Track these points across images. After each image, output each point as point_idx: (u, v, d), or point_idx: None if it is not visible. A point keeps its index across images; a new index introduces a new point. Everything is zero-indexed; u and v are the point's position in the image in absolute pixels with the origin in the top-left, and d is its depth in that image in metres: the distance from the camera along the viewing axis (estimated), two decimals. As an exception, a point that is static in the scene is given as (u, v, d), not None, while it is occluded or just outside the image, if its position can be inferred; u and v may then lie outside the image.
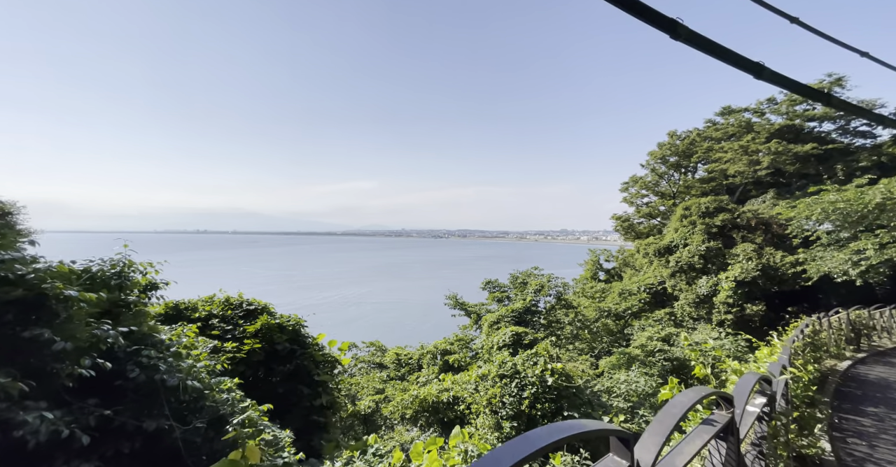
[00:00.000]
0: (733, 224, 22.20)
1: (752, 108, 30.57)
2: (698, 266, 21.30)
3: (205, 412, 3.93)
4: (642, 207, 36.11)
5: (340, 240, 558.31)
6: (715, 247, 21.18)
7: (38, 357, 2.47)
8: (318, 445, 6.82)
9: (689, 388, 2.04)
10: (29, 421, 2.17)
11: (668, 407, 1.77)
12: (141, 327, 3.80)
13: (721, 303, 19.27)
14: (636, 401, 12.19)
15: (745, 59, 2.49)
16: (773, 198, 24.10)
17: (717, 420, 2.12)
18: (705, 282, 20.47)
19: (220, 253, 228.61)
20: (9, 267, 2.47)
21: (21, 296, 2.44)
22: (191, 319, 6.97)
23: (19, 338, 2.36)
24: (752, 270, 19.04)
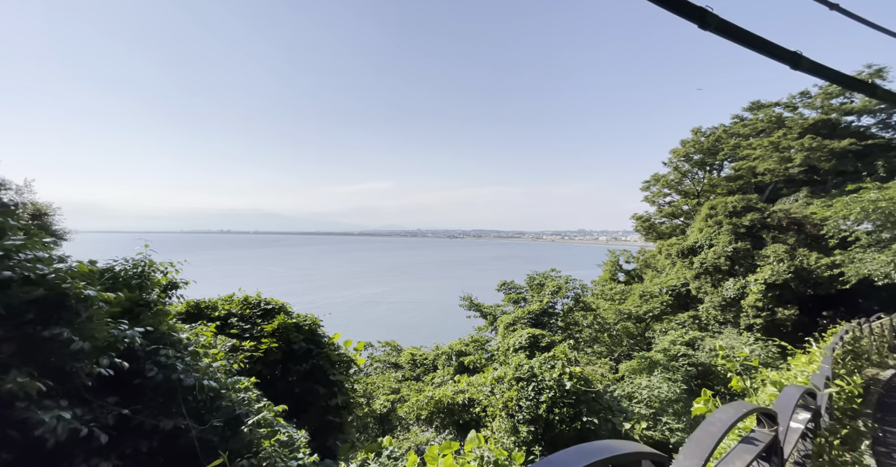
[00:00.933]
0: (763, 224, 21.19)
1: (784, 103, 29.15)
2: (724, 267, 20.44)
3: (221, 411, 3.95)
4: (664, 207, 34.99)
5: (357, 240, 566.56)
6: (743, 247, 20.28)
7: (58, 356, 2.50)
8: (333, 445, 6.82)
9: (728, 404, 1.84)
10: (46, 420, 2.19)
11: (706, 424, 1.59)
12: (160, 326, 3.85)
13: (749, 306, 18.42)
14: (659, 408, 11.76)
15: (781, 49, 2.28)
16: (807, 197, 22.89)
17: (759, 438, 1.92)
18: (732, 285, 19.61)
19: (241, 252, 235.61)
20: (31, 266, 2.51)
21: (42, 296, 2.47)
22: (210, 318, 7.10)
23: (39, 338, 2.40)
24: (784, 272, 18.11)
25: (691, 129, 33.12)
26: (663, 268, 27.58)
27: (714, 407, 2.38)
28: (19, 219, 3.96)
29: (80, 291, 2.64)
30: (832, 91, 25.47)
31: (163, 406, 3.48)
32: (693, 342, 15.98)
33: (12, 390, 2.05)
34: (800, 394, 2.40)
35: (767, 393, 2.64)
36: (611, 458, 1.07)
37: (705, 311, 20.90)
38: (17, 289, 2.40)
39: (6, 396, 2.06)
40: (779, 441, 2.04)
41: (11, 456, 2.21)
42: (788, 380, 3.30)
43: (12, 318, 2.36)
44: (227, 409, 3.99)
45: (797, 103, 28.52)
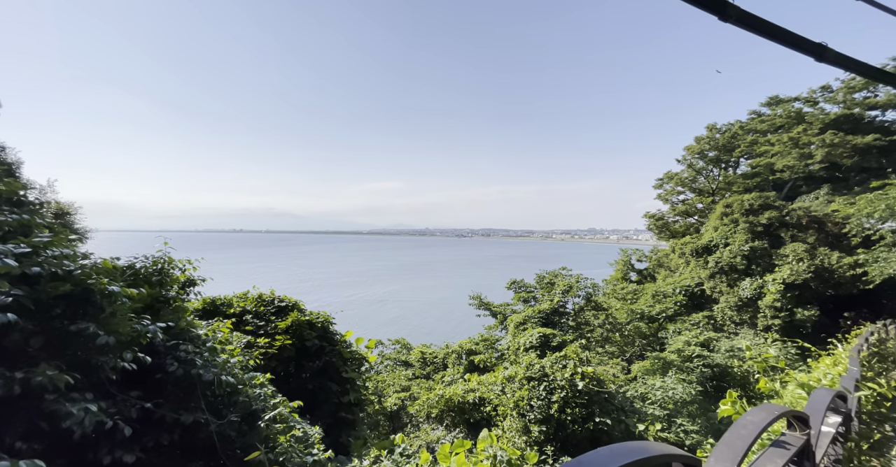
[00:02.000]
0: (781, 222, 20.63)
1: (804, 98, 28.30)
2: (741, 267, 19.96)
3: (238, 406, 4.01)
4: (678, 205, 34.35)
5: (366, 239, 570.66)
6: (760, 246, 19.78)
7: (84, 350, 2.56)
8: (346, 442, 6.88)
9: (759, 406, 1.78)
10: (74, 412, 2.24)
11: (736, 427, 1.54)
12: (179, 322, 3.93)
13: (767, 307, 17.96)
14: (673, 409, 11.57)
15: (805, 40, 2.19)
16: (828, 194, 22.21)
17: (791, 442, 1.86)
18: (749, 285, 19.15)
19: (254, 251, 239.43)
20: (58, 262, 2.58)
21: (68, 291, 2.53)
22: (226, 315, 7.22)
23: (67, 332, 2.46)
24: (804, 272, 17.61)
25: (706, 126, 32.43)
26: (677, 267, 27.08)
27: (742, 410, 2.32)
28: (44, 218, 4.08)
29: (105, 287, 2.69)
30: (855, 85, 24.63)
31: (183, 400, 3.55)
32: (708, 343, 15.67)
33: (42, 383, 2.11)
34: (831, 397, 2.32)
35: (795, 395, 2.56)
36: (643, 460, 1.04)
37: (720, 312, 20.45)
38: (45, 284, 2.46)
39: (36, 389, 2.12)
40: (811, 445, 1.97)
41: (42, 447, 2.27)
42: (814, 383, 3.20)
43: (41, 313, 2.42)
44: (244, 404, 4.05)
45: (818, 98, 27.66)
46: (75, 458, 2.61)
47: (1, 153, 12.57)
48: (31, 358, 2.40)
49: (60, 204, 13.27)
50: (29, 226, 3.79)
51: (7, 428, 2.16)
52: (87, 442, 2.67)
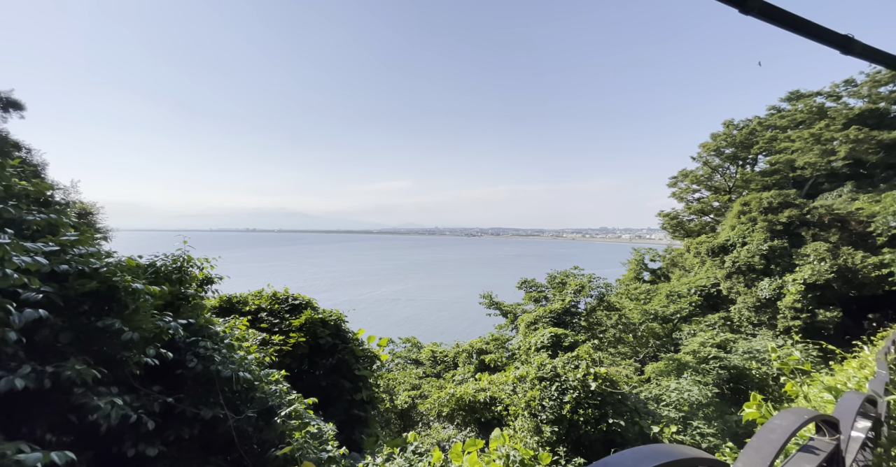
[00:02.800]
0: (801, 221, 20.01)
1: (826, 92, 27.38)
2: (759, 267, 19.45)
3: (255, 402, 4.09)
4: (693, 203, 33.64)
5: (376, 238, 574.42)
6: (779, 246, 19.23)
7: (109, 345, 2.64)
8: (358, 439, 6.95)
9: (788, 409, 1.73)
10: (101, 406, 2.32)
11: (765, 431, 1.49)
12: (198, 319, 4.01)
13: (787, 307, 17.46)
14: (688, 412, 11.35)
15: (831, 32, 2.11)
16: (852, 192, 21.46)
17: (820, 447, 1.80)
18: (768, 285, 18.64)
19: (267, 250, 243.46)
20: (85, 260, 2.66)
21: (95, 288, 2.61)
22: (242, 312, 7.35)
23: (93, 328, 2.53)
24: (826, 272, 17.06)
25: (723, 122, 31.66)
26: (691, 267, 26.53)
27: (767, 413, 2.26)
28: (70, 217, 4.21)
29: (129, 284, 2.77)
30: (881, 78, 23.72)
31: (202, 395, 3.63)
32: (725, 344, 15.32)
33: (71, 377, 2.18)
34: (861, 401, 2.24)
35: (822, 399, 2.48)
36: (670, 463, 1.02)
37: (738, 313, 19.97)
38: (72, 281, 2.54)
39: (66, 383, 2.19)
40: (840, 451, 1.91)
41: (70, 439, 2.35)
42: (840, 386, 3.09)
43: (69, 309, 2.51)
44: (260, 400, 4.12)
45: (841, 92, 26.72)
46: (102, 450, 2.69)
47: (28, 155, 13.04)
48: (60, 353, 2.48)
49: (84, 204, 13.69)
50: (56, 226, 3.93)
51: (38, 421, 2.24)
52: (112, 435, 2.75)
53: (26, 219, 3.55)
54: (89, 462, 2.57)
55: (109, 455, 2.76)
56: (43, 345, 2.33)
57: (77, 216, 12.62)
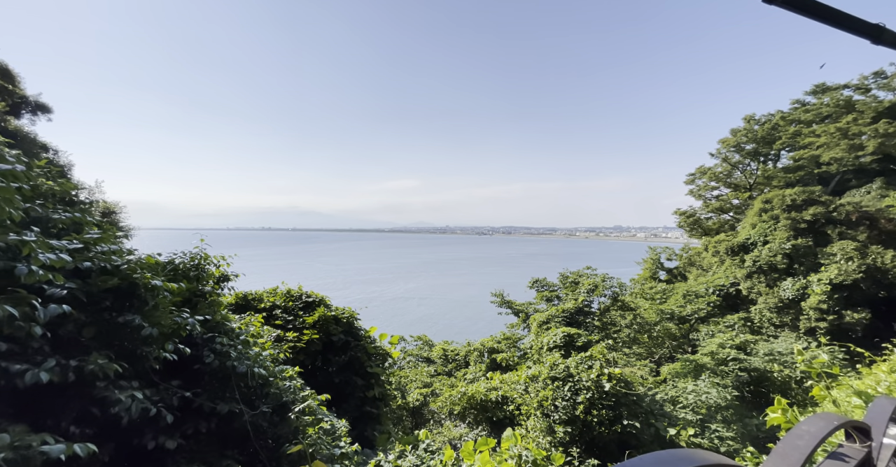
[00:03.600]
0: (827, 218, 19.25)
1: (854, 85, 26.22)
2: (781, 266, 18.80)
3: (269, 398, 4.15)
4: (711, 201, 32.74)
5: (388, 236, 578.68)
6: (803, 244, 18.55)
7: (130, 341, 2.71)
8: (371, 436, 7.01)
9: (816, 415, 1.64)
10: (122, 399, 2.38)
11: (791, 437, 1.42)
12: (215, 316, 4.09)
13: (811, 308, 16.85)
14: (706, 414, 11.07)
15: (860, 22, 1.99)
16: (882, 188, 20.53)
17: (850, 454, 1.71)
18: (791, 285, 18.01)
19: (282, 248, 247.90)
20: (107, 258, 2.73)
21: (116, 285, 2.68)
22: (257, 309, 7.49)
23: (115, 323, 2.60)
24: (854, 272, 16.38)
25: (743, 117, 30.67)
26: (710, 266, 25.85)
27: (794, 418, 2.16)
28: (93, 216, 4.34)
29: (148, 281, 2.83)
30: (915, 69, 22.60)
31: (219, 390, 3.70)
32: (745, 346, 14.87)
33: (93, 371, 2.24)
34: (894, 407, 2.13)
35: (851, 404, 2.37)
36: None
37: (758, 313, 19.36)
38: (95, 278, 2.62)
39: (88, 376, 2.25)
40: (872, 458, 1.81)
41: (93, 432, 2.42)
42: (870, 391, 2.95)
43: (92, 305, 2.58)
44: (275, 396, 4.18)
45: (870, 84, 25.54)
46: (123, 443, 2.77)
47: (54, 156, 13.55)
48: (84, 347, 2.56)
49: (107, 203, 14.14)
50: (80, 224, 4.05)
51: (63, 414, 2.31)
52: (133, 428, 2.83)
53: (52, 217, 3.67)
54: (111, 453, 2.64)
55: (130, 447, 2.83)
56: (67, 339, 2.40)
57: (101, 215, 13.06)
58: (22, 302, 1.98)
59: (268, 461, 3.72)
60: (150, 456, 3.00)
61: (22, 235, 2.39)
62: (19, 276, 2.06)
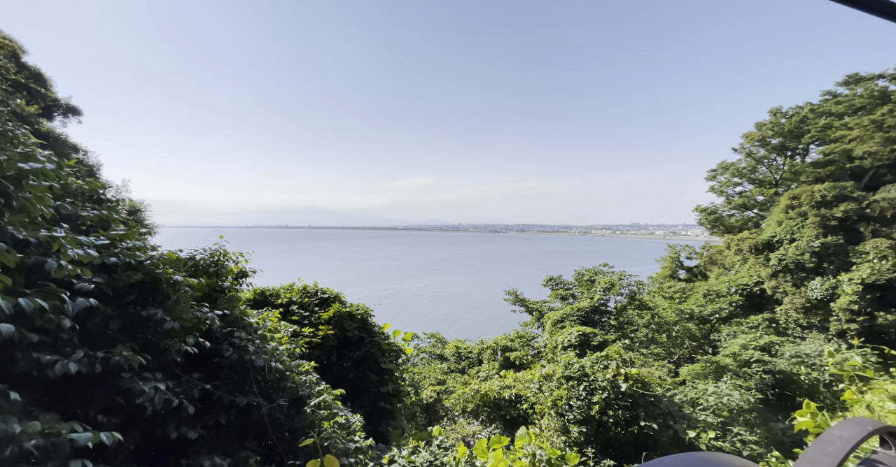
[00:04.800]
0: (860, 215, 18.34)
1: (889, 75, 24.79)
2: (809, 265, 18.04)
3: (286, 392, 4.23)
4: (734, 197, 31.63)
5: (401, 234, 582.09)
6: (833, 242, 17.73)
7: (153, 334, 2.80)
8: (385, 431, 7.07)
9: (849, 419, 1.55)
10: (146, 390, 2.46)
11: (822, 443, 1.34)
12: (233, 311, 4.19)
13: (841, 309, 16.12)
14: (728, 417, 10.75)
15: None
16: (920, 184, 19.40)
17: (884, 461, 1.61)
18: (819, 285, 17.26)
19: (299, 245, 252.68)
20: (131, 253, 2.82)
21: (140, 280, 2.77)
22: (274, 305, 7.64)
23: (139, 317, 2.69)
24: (888, 271, 15.58)
25: (769, 110, 29.42)
26: (732, 264, 25.03)
27: (824, 423, 2.07)
28: (120, 214, 4.51)
29: (170, 276, 2.92)
30: (959, 55, 21.17)
31: (238, 383, 3.79)
32: (769, 347, 14.35)
33: (119, 362, 2.32)
34: None
35: (886, 408, 2.24)
36: None
37: (784, 314, 18.65)
38: (120, 273, 2.70)
39: (114, 368, 2.34)
40: None
41: (119, 421, 2.51)
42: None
43: (117, 299, 2.67)
44: (291, 390, 4.26)
45: (908, 73, 24.10)
46: (148, 432, 2.87)
47: (84, 156, 14.12)
48: (110, 339, 2.65)
49: (133, 201, 14.66)
50: (107, 221, 4.20)
51: (91, 403, 2.40)
52: (157, 418, 2.93)
53: (81, 214, 3.82)
54: (137, 442, 2.74)
55: (154, 436, 2.93)
56: (94, 332, 2.50)
57: (127, 213, 13.55)
58: (52, 295, 2.06)
59: (284, 453, 3.80)
60: (173, 446, 3.10)
61: (52, 232, 2.49)
62: (49, 271, 2.15)
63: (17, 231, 2.25)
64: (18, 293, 1.91)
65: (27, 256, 2.20)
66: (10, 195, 2.24)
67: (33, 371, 2.09)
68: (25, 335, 1.94)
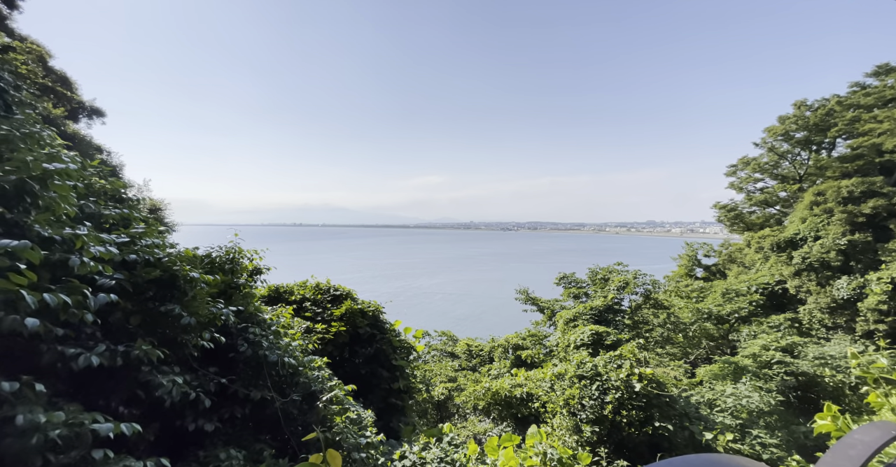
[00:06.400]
0: (889, 211, 17.53)
1: (924, 63, 23.55)
2: (835, 263, 17.36)
3: (299, 387, 4.31)
4: (755, 194, 30.63)
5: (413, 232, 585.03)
6: (861, 240, 17.02)
7: (171, 329, 2.88)
8: (396, 427, 7.14)
9: (872, 423, 1.49)
10: (164, 383, 2.53)
11: (842, 446, 1.29)
12: (248, 307, 4.28)
13: (869, 309, 15.47)
14: (747, 419, 10.47)
15: None
16: (957, 178, 18.41)
17: None
18: (846, 284, 16.61)
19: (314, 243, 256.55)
20: (150, 251, 2.91)
21: (158, 276, 2.85)
22: (288, 301, 7.78)
23: (157, 312, 2.78)
24: (920, 271, 14.87)
25: (793, 103, 28.31)
26: (752, 263, 24.31)
27: (846, 426, 1.99)
28: (140, 212, 4.65)
29: (187, 273, 3.00)
30: None
31: (252, 378, 3.88)
32: (791, 348, 13.90)
33: (139, 356, 2.40)
34: None
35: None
36: None
37: (808, 314, 18.02)
38: (140, 269, 2.79)
39: (134, 361, 2.42)
40: None
41: (140, 412, 2.60)
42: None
43: (137, 295, 2.75)
44: (304, 385, 4.33)
45: (945, 62, 22.83)
46: (167, 424, 2.96)
47: (108, 157, 14.63)
48: (130, 334, 2.74)
49: (153, 200, 15.11)
50: (128, 219, 4.34)
51: (113, 395, 2.50)
52: (176, 410, 3.02)
53: (103, 213, 3.96)
54: (156, 433, 2.83)
55: (173, 428, 3.03)
56: (116, 326, 2.59)
57: (147, 211, 13.97)
58: (75, 291, 2.14)
59: (298, 447, 3.87)
60: (191, 438, 3.19)
61: (76, 229, 2.58)
62: (73, 267, 2.23)
63: (42, 229, 2.34)
64: (43, 289, 1.99)
65: (52, 253, 2.29)
66: (35, 194, 2.33)
67: (58, 363, 2.18)
68: (50, 329, 2.02)
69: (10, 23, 15.09)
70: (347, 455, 4.00)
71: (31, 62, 13.90)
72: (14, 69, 12.85)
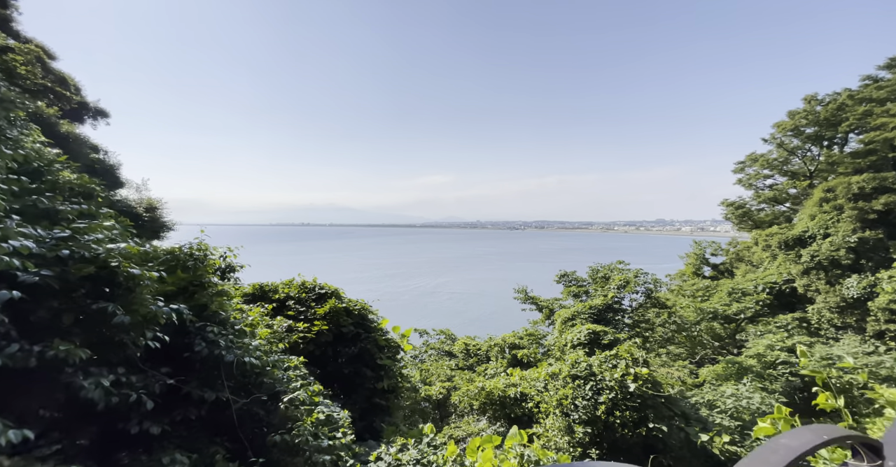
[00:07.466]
0: (903, 208, 16.93)
1: (941, 53, 22.68)
2: (845, 262, 16.81)
3: (263, 387, 4.19)
4: (763, 191, 29.92)
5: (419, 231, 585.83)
6: (872, 237, 16.44)
7: (108, 328, 2.76)
8: (379, 427, 7.01)
9: (807, 426, 1.28)
10: (85, 386, 2.41)
11: (763, 451, 1.08)
12: (211, 305, 4.16)
13: (880, 309, 14.95)
14: (748, 421, 10.16)
15: None
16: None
17: None
18: (856, 283, 16.07)
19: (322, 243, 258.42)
20: (86, 246, 2.79)
21: (92, 273, 2.73)
22: (271, 300, 7.68)
23: (89, 310, 2.65)
24: (934, 269, 14.32)
25: (803, 97, 27.53)
26: (760, 261, 23.73)
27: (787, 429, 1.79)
28: (102, 207, 4.57)
29: (126, 269, 2.87)
30: None
31: (209, 379, 3.75)
32: (797, 348, 13.49)
33: (57, 356, 2.27)
34: None
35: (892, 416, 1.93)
36: None
37: (816, 313, 17.49)
38: (71, 266, 2.67)
39: (53, 362, 2.29)
40: None
41: (62, 415, 2.48)
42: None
43: (67, 292, 2.63)
44: (268, 386, 4.21)
45: (962, 52, 21.95)
46: (105, 427, 2.85)
47: (105, 156, 14.74)
48: (63, 333, 2.62)
49: (150, 200, 15.17)
50: (92, 216, 4.25)
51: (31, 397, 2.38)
52: (119, 413, 2.90)
53: (59, 209, 3.87)
54: (92, 437, 2.72)
55: (114, 431, 2.91)
56: (40, 325, 2.47)
57: (144, 210, 14.03)
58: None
59: (253, 448, 3.75)
60: (136, 441, 3.08)
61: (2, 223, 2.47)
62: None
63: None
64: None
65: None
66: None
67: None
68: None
69: (15, 25, 15.30)
70: (309, 457, 3.86)
71: (30, 63, 14.03)
72: (13, 69, 12.90)
